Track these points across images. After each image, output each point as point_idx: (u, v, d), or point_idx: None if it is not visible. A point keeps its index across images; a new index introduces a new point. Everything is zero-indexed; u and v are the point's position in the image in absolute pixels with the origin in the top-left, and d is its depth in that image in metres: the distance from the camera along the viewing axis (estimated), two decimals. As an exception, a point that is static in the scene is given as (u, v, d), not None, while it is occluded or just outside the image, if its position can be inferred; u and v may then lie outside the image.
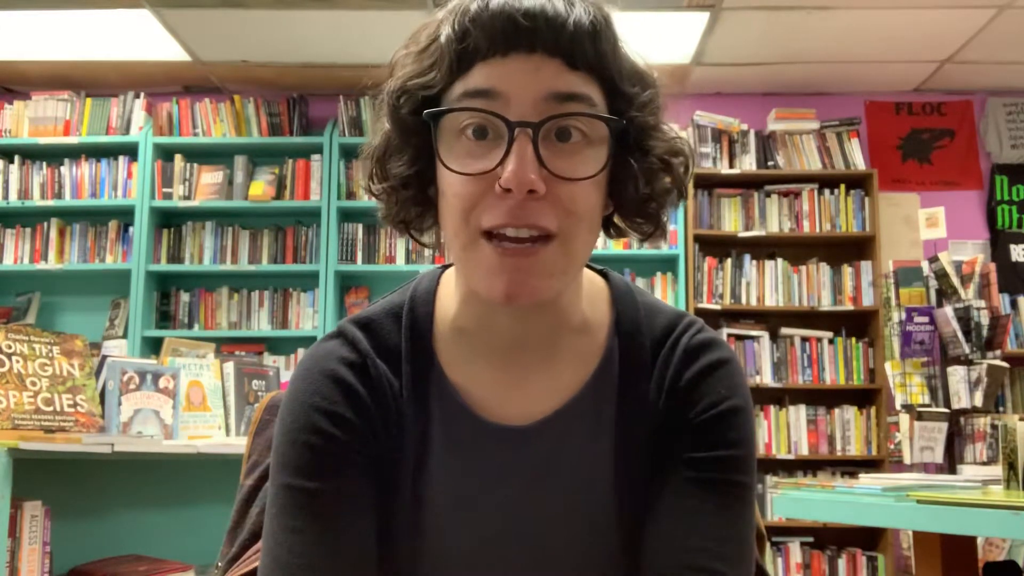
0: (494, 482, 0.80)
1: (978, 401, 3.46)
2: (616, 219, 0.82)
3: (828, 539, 4.34)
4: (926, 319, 3.56)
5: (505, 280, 0.71)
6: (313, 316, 4.58)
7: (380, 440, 0.79)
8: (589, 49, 0.72)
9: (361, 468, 0.78)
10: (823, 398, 4.45)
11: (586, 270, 0.85)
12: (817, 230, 4.52)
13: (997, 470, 1.98)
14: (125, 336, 4.47)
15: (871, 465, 4.32)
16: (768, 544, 3.28)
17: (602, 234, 0.83)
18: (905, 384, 3.62)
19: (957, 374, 3.52)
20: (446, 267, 0.88)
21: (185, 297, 4.66)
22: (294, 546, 0.75)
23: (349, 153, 4.70)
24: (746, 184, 4.59)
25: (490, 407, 0.81)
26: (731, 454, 0.78)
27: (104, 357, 2.14)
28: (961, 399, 3.49)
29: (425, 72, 0.76)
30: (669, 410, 0.80)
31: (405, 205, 0.80)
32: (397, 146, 0.78)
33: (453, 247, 0.76)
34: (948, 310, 3.53)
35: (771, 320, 4.50)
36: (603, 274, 0.88)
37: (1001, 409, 4.23)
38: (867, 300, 4.44)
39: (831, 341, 4.46)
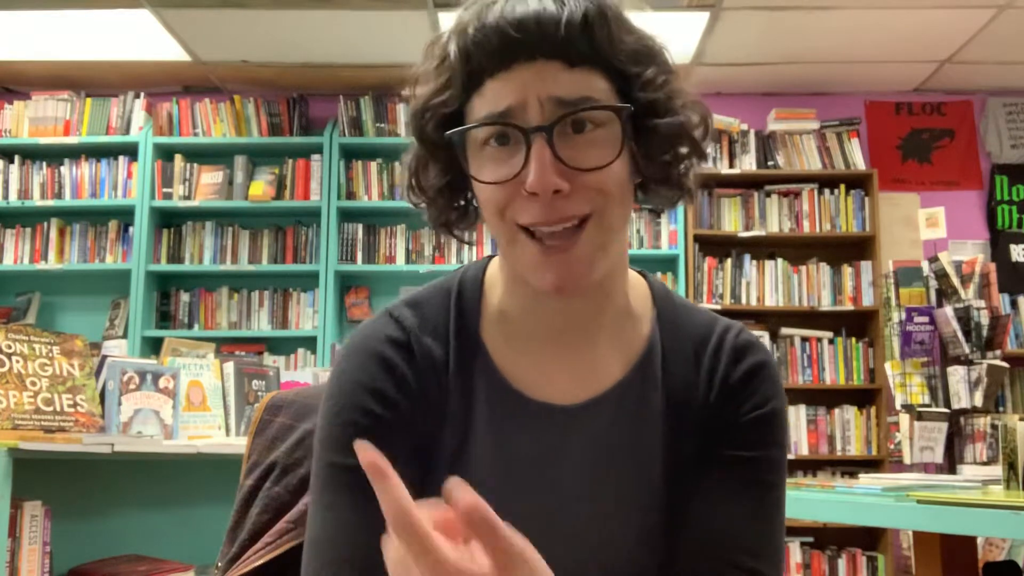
0: (538, 460, 0.82)
1: (978, 401, 3.46)
2: (643, 188, 0.85)
3: (828, 539, 4.34)
4: (926, 319, 3.55)
5: (552, 274, 0.75)
6: (313, 316, 4.58)
7: (422, 417, 0.81)
8: (584, 44, 0.74)
9: (402, 446, 0.79)
10: (823, 398, 4.45)
11: (629, 269, 0.89)
12: (817, 230, 4.52)
13: (997, 470, 1.98)
14: (125, 336, 4.47)
15: (871, 465, 4.32)
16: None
17: None
18: (905, 384, 3.62)
19: (957, 374, 3.51)
20: (491, 257, 0.92)
21: (185, 297, 4.66)
22: (326, 522, 0.77)
23: (349, 153, 4.70)
24: (746, 184, 4.59)
25: (534, 387, 0.83)
26: (773, 455, 0.83)
27: (104, 357, 2.14)
28: (961, 399, 3.49)
29: (442, 91, 0.79)
30: (719, 406, 0.83)
31: (444, 211, 0.86)
32: (428, 160, 0.83)
33: (499, 242, 0.81)
34: (948, 310, 3.53)
35: (771, 320, 4.50)
36: (641, 274, 0.92)
37: (1001, 409, 4.23)
38: (867, 300, 4.44)
39: (831, 341, 4.46)
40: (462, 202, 0.85)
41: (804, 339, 4.46)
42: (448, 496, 0.54)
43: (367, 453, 0.53)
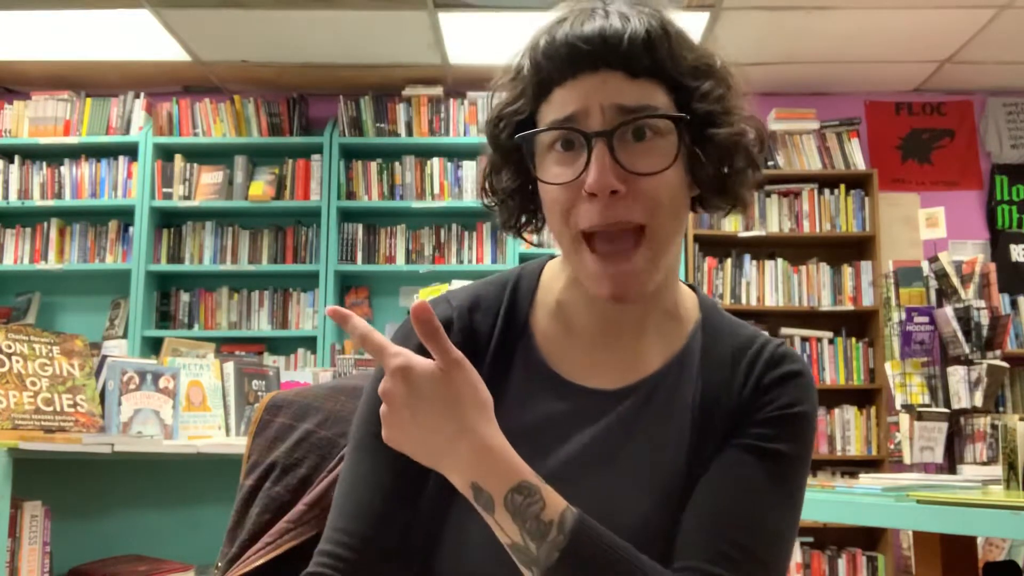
0: (564, 436, 0.85)
1: (978, 401, 3.46)
2: (701, 200, 0.90)
3: (828, 539, 4.34)
4: (926, 319, 3.55)
5: (609, 285, 0.81)
6: (313, 316, 4.58)
7: None
8: (645, 57, 0.80)
9: None
10: (823, 398, 4.43)
11: (679, 280, 0.94)
12: (817, 230, 4.52)
13: (997, 470, 1.98)
14: (125, 336, 4.47)
15: (871, 465, 4.32)
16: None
17: None
18: (905, 384, 3.62)
19: (957, 374, 3.51)
20: (551, 256, 0.97)
21: (185, 297, 4.66)
22: (351, 475, 0.86)
23: (349, 153, 4.70)
24: (746, 184, 4.58)
25: (572, 372, 0.88)
26: (790, 451, 0.84)
27: (104, 357, 2.14)
28: (961, 399, 3.49)
29: (515, 100, 0.86)
30: (747, 402, 0.86)
31: (514, 213, 0.92)
32: (500, 165, 0.90)
33: (562, 245, 0.86)
34: (948, 310, 3.53)
35: (771, 320, 4.49)
36: (691, 287, 0.97)
37: (1001, 409, 4.23)
38: (867, 300, 4.44)
39: (831, 341, 4.46)
40: (531, 207, 0.91)
41: (804, 339, 4.46)
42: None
43: (329, 308, 0.75)
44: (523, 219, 0.92)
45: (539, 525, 0.74)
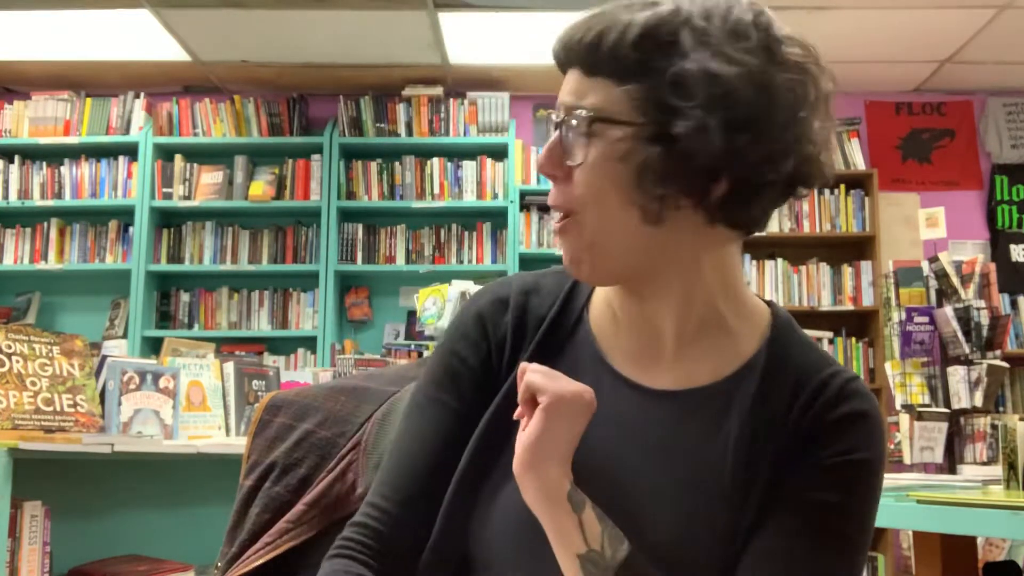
0: (609, 429, 0.84)
1: (978, 401, 3.46)
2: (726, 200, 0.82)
3: (828, 539, 4.34)
4: (926, 319, 3.55)
5: (564, 255, 0.85)
6: (313, 316, 4.58)
7: (498, 362, 0.90)
8: (591, 55, 0.80)
9: (486, 386, 0.89)
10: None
11: (752, 297, 0.91)
12: (817, 230, 4.52)
13: (997, 470, 1.98)
14: (125, 336, 4.48)
15: (871, 465, 4.32)
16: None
17: None
18: (905, 384, 3.62)
19: (957, 374, 3.51)
20: None
21: (185, 297, 4.66)
22: (407, 434, 0.90)
23: (349, 153, 4.70)
24: (746, 184, 4.59)
25: (623, 365, 0.88)
26: (852, 506, 0.80)
27: (104, 357, 2.14)
28: (961, 399, 3.49)
29: None
30: (805, 439, 0.82)
31: None
32: None
33: None
34: (948, 310, 3.53)
35: (771, 320, 4.49)
36: (769, 304, 0.92)
37: (1001, 409, 4.23)
38: (867, 300, 4.45)
39: (831, 341, 4.46)
40: None
41: (804, 339, 4.46)
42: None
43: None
44: None
45: (615, 532, 0.78)
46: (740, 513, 0.80)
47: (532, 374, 0.80)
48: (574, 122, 0.81)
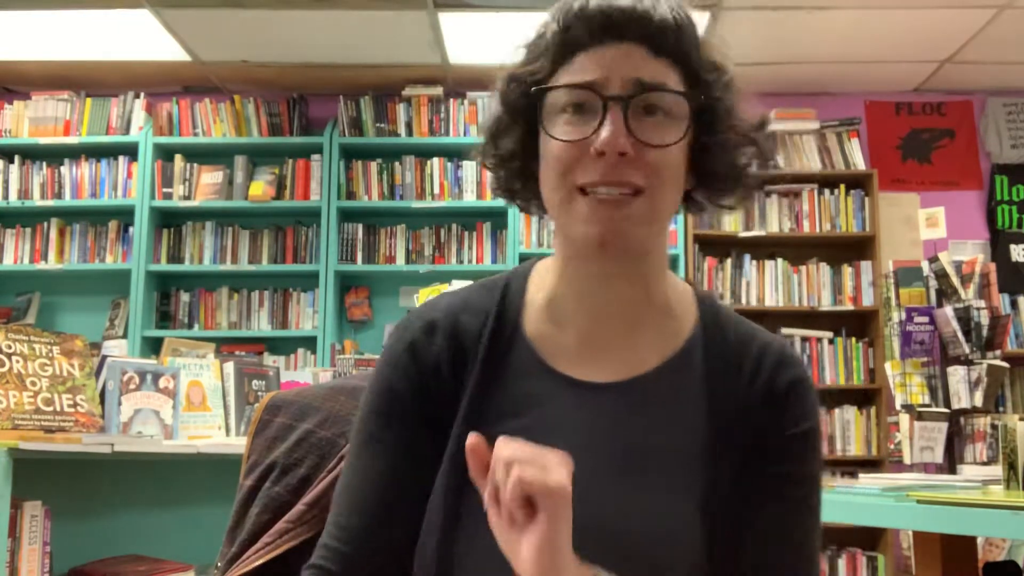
0: (554, 433, 0.83)
1: (978, 401, 3.46)
2: (697, 194, 0.92)
3: (828, 539, 4.34)
4: (926, 319, 3.55)
5: (599, 227, 0.81)
6: (313, 316, 4.58)
7: (445, 390, 0.88)
8: (671, 39, 0.83)
9: (424, 415, 0.87)
10: (823, 398, 4.41)
11: (673, 274, 0.94)
12: (817, 230, 4.52)
13: (997, 470, 1.98)
14: (125, 336, 4.47)
15: (871, 465, 4.32)
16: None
17: None
18: (905, 384, 3.62)
19: (957, 374, 3.51)
20: (540, 258, 0.97)
21: (185, 297, 4.66)
22: (353, 474, 0.88)
23: (349, 153, 4.70)
24: (746, 184, 4.58)
25: (566, 366, 0.88)
26: (810, 470, 0.88)
27: (104, 357, 2.14)
28: (961, 399, 3.49)
29: (532, 61, 0.87)
30: (763, 412, 0.87)
31: (512, 177, 0.92)
32: (507, 125, 0.90)
33: (552, 204, 0.86)
34: (948, 310, 3.53)
35: (771, 320, 4.49)
36: (689, 282, 0.97)
37: (1001, 409, 4.23)
38: (867, 300, 4.44)
39: (831, 341, 4.46)
40: (530, 171, 0.90)
41: (804, 339, 4.46)
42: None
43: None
44: (518, 185, 0.92)
45: None
46: (712, 490, 0.84)
47: (521, 467, 0.69)
48: (669, 101, 0.82)
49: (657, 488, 0.83)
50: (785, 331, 4.45)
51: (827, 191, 4.55)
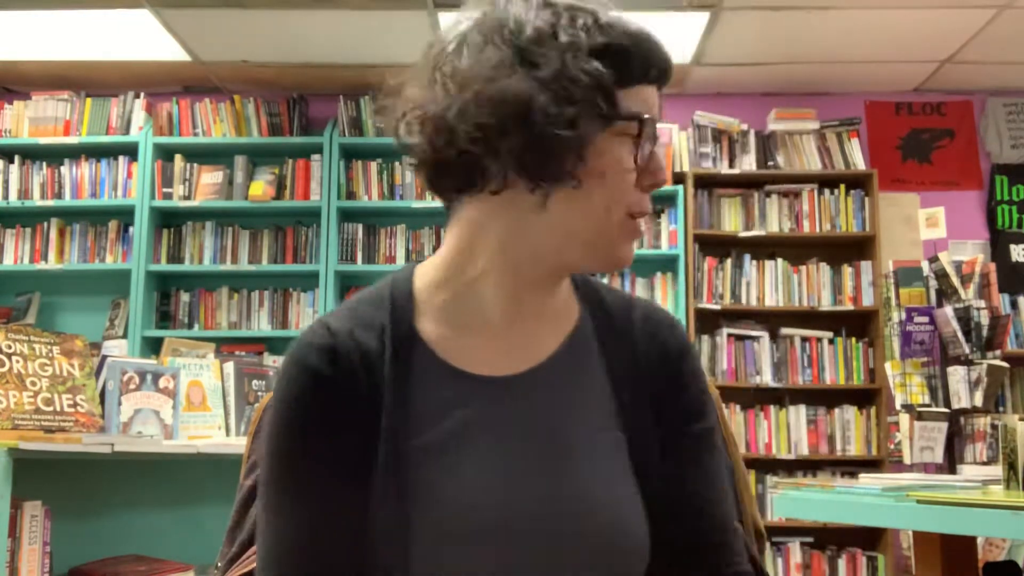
0: (481, 433, 0.85)
1: (978, 401, 3.46)
2: None
3: (828, 539, 4.34)
4: (926, 319, 3.55)
5: (629, 253, 0.88)
6: (313, 316, 4.58)
7: (358, 412, 0.84)
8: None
9: (339, 444, 0.84)
10: (823, 398, 4.45)
11: None
12: (817, 230, 4.52)
13: (997, 470, 1.98)
14: (125, 336, 4.47)
15: (871, 465, 4.32)
16: (768, 544, 3.28)
17: None
18: (905, 384, 3.62)
19: (957, 374, 3.51)
20: (416, 263, 0.96)
21: (185, 297, 4.66)
22: (277, 531, 0.83)
23: (349, 153, 4.70)
24: (746, 184, 4.59)
25: (473, 364, 0.88)
26: (712, 420, 0.95)
27: (104, 357, 2.14)
28: (961, 399, 3.49)
29: (592, 55, 0.82)
30: (663, 377, 0.92)
31: (491, 169, 0.85)
32: (522, 117, 0.81)
33: (598, 220, 0.85)
34: (948, 310, 3.53)
35: (771, 320, 4.50)
36: None
37: (1001, 409, 4.23)
38: (867, 300, 4.44)
39: (831, 341, 4.46)
40: (504, 168, 0.83)
41: (804, 339, 4.46)
42: None
43: None
44: (485, 178, 0.84)
45: None
46: (634, 454, 0.88)
47: None
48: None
49: (588, 465, 0.86)
50: (785, 331, 4.45)
51: (827, 191, 4.55)
